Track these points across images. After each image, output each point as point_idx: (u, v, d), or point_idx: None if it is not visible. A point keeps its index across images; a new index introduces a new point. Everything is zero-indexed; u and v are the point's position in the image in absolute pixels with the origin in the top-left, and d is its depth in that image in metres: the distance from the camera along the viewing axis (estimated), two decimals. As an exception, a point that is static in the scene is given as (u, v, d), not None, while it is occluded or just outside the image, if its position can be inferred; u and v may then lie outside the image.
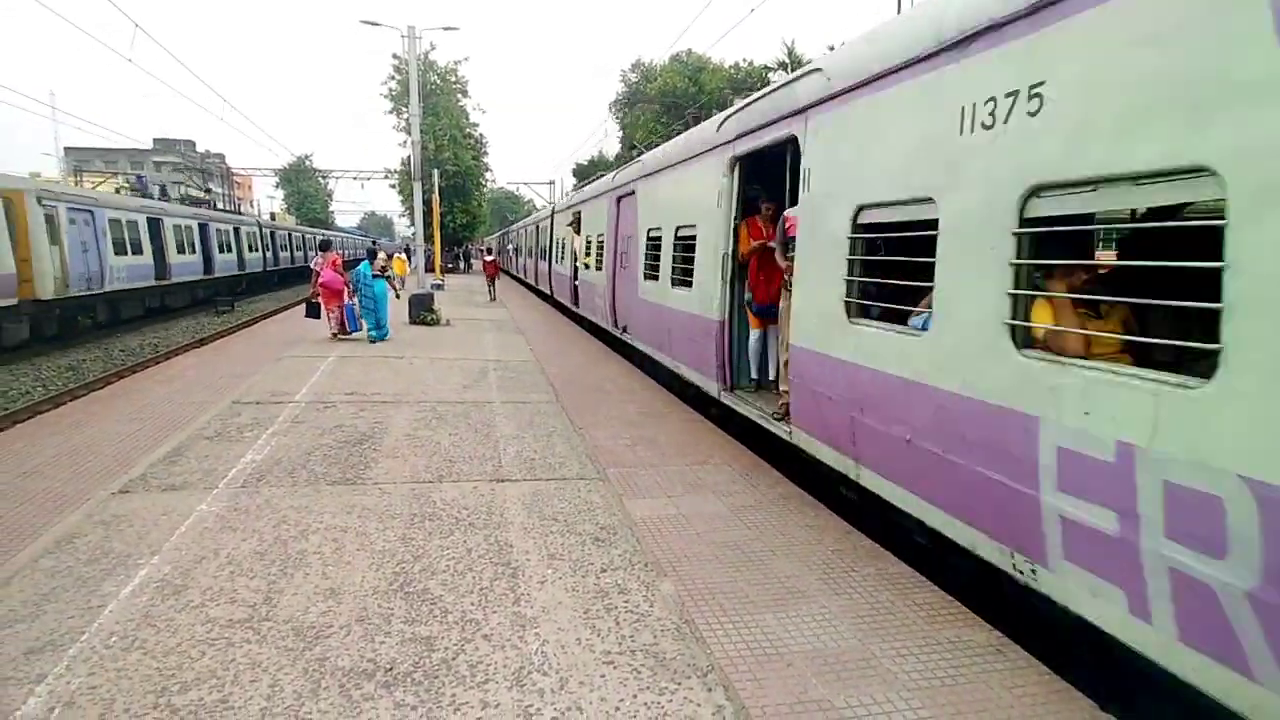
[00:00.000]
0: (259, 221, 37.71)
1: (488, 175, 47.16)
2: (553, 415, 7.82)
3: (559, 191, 48.58)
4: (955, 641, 3.40)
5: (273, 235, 38.71)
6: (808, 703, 2.92)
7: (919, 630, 3.51)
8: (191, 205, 30.40)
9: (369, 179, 57.73)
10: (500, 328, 16.13)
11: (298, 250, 44.63)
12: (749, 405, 6.76)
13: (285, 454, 6.10)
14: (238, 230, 32.32)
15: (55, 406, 9.31)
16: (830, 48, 28.35)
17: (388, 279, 14.74)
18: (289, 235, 44.06)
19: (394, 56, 37.73)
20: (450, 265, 42.02)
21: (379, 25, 20.26)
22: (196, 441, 6.40)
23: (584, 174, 47.54)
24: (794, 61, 36.31)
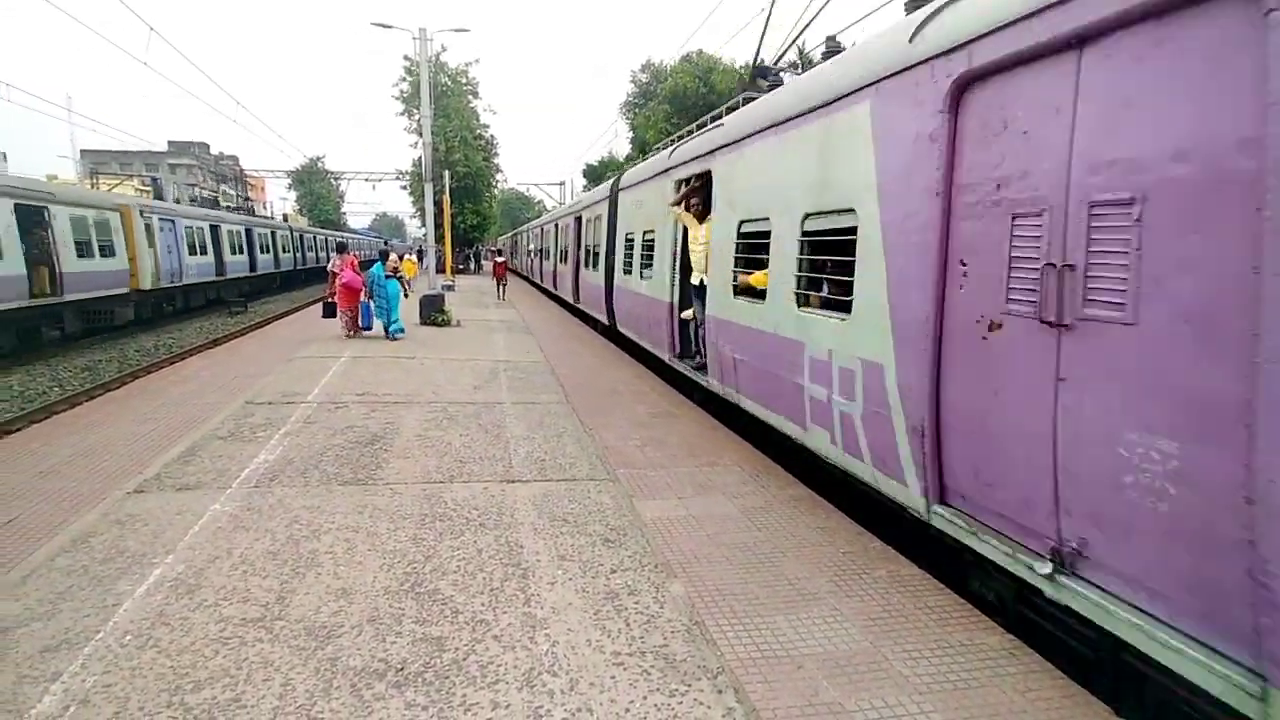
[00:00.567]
0: (290, 227, 43.11)
1: (498, 176, 47.36)
2: (563, 416, 7.83)
3: (570, 192, 48.70)
4: (968, 644, 3.38)
5: (300, 238, 43.55)
6: (819, 705, 2.90)
7: (931, 633, 3.49)
8: (204, 207, 32.32)
9: (380, 180, 58.20)
10: (510, 328, 16.17)
11: (321, 251, 48.60)
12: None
13: (298, 454, 6.14)
14: (274, 234, 37.00)
15: (71, 407, 9.42)
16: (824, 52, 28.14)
17: (399, 279, 15.02)
18: (314, 238, 48.70)
19: (405, 58, 37.93)
20: (461, 266, 42.19)
21: (390, 27, 20.37)
22: (210, 441, 6.45)
23: (595, 174, 47.61)
24: (804, 61, 36.18)
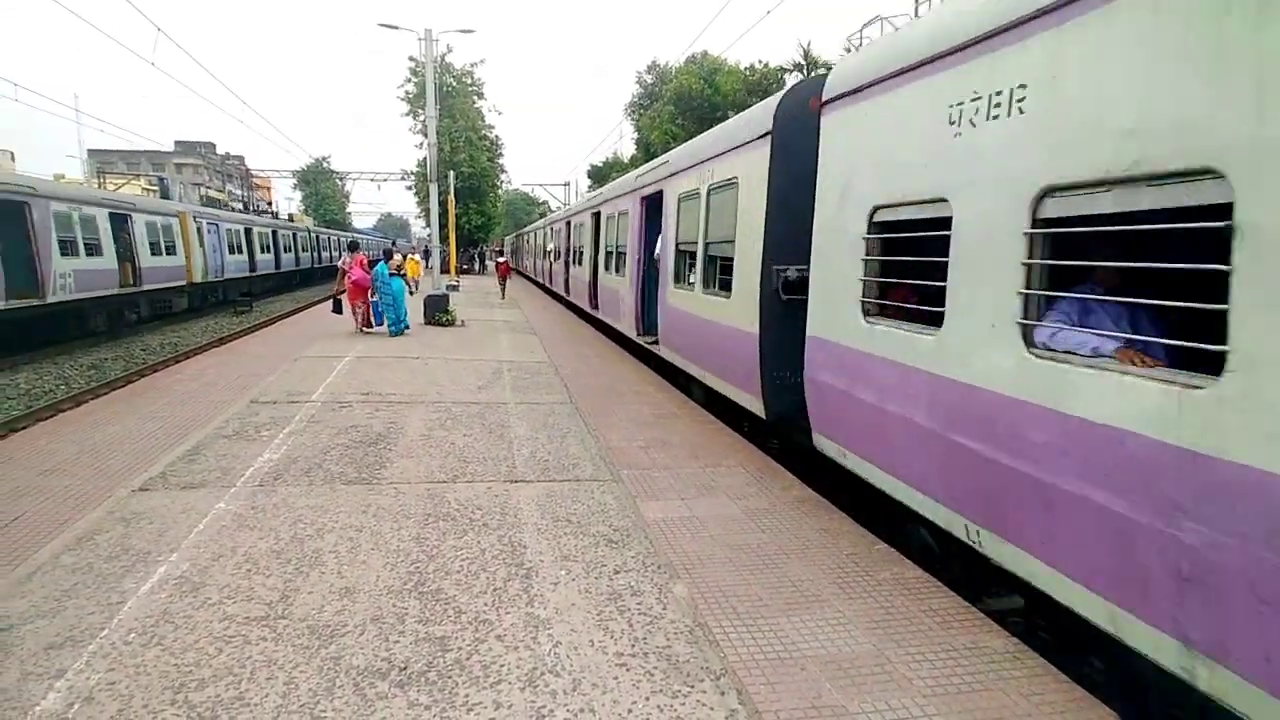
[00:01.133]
0: (307, 229, 47.52)
1: (503, 177, 47.41)
2: (566, 416, 7.83)
3: (574, 193, 48.72)
4: (972, 647, 3.37)
5: (316, 238, 47.73)
6: (821, 708, 2.90)
7: (935, 636, 3.47)
8: (210, 207, 33.90)
9: (385, 180, 58.48)
10: (514, 329, 16.18)
11: (334, 250, 51.46)
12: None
13: (302, 453, 6.15)
14: (294, 235, 41.42)
15: (77, 405, 9.45)
16: (846, 50, 28.17)
17: (403, 278, 15.37)
18: (327, 238, 52.51)
19: (410, 59, 38.06)
20: (465, 266, 42.27)
21: (396, 28, 20.42)
22: (215, 440, 6.47)
23: (599, 175, 47.63)
24: (810, 63, 36.12)
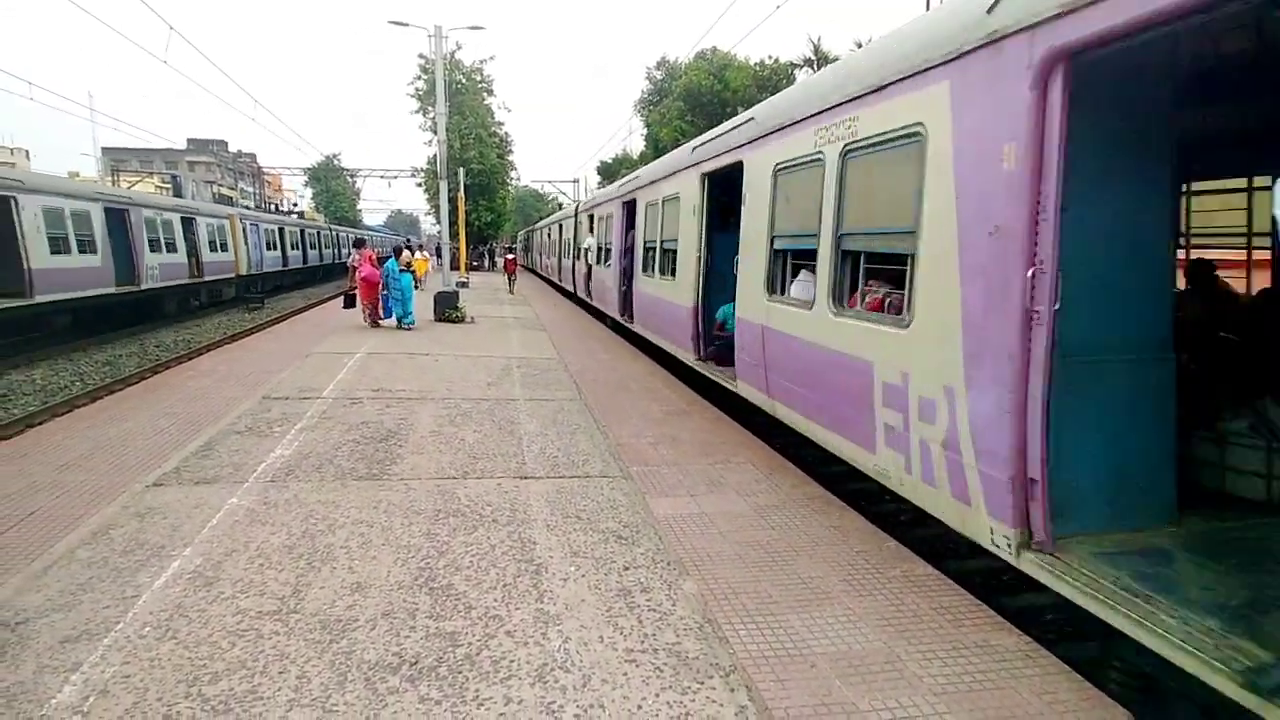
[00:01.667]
0: (329, 227, 52.24)
1: (512, 174, 47.46)
2: (576, 413, 7.84)
3: (584, 190, 48.70)
4: (983, 645, 3.35)
5: (336, 236, 51.79)
6: (831, 705, 2.89)
7: (945, 633, 3.46)
8: (223, 204, 35.17)
9: (395, 177, 58.83)
10: (524, 325, 16.21)
11: (351, 247, 52.93)
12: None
13: (313, 449, 6.19)
14: (319, 233, 46.09)
15: (92, 400, 9.55)
16: (857, 44, 28.04)
17: (412, 274, 15.71)
18: (346, 235, 55.31)
19: (420, 56, 38.10)
20: (475, 263, 42.38)
21: (406, 25, 20.46)
22: (227, 436, 6.52)
23: (609, 172, 47.57)
24: (820, 59, 35.91)
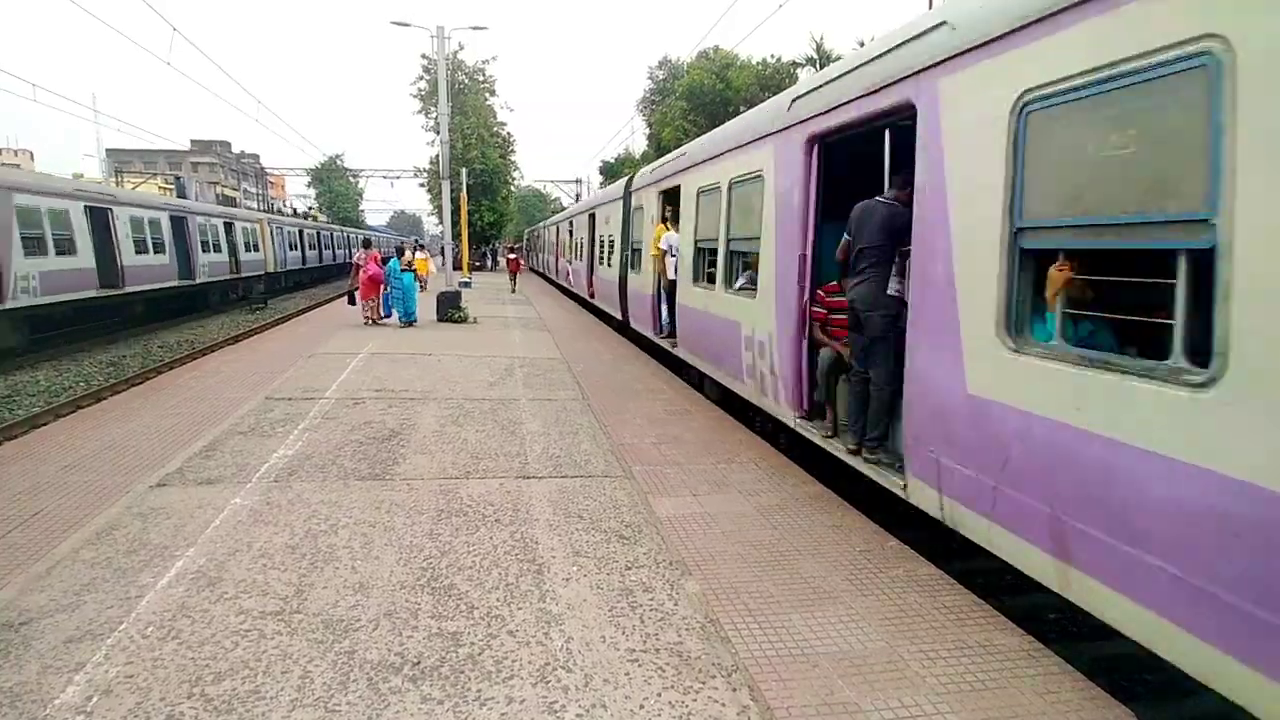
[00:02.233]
0: (342, 229, 56.14)
1: (515, 174, 47.47)
2: (579, 412, 7.84)
3: (586, 190, 48.71)
4: (986, 645, 3.34)
5: (347, 237, 55.42)
6: (834, 705, 2.88)
7: (948, 633, 3.45)
8: (226, 205, 36.19)
9: (399, 177, 59.06)
10: (527, 325, 16.22)
11: (360, 247, 56.22)
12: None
13: (316, 449, 6.19)
14: (332, 235, 50.60)
15: (96, 401, 9.58)
16: (860, 42, 27.97)
17: (414, 274, 16.16)
18: (355, 235, 58.72)
19: (422, 56, 38.11)
20: (478, 264, 42.43)
21: (409, 25, 20.47)
22: (231, 436, 6.53)
23: (612, 171, 47.57)
24: (823, 58, 35.87)
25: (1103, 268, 3.20)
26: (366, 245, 16.46)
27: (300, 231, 40.07)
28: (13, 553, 4.15)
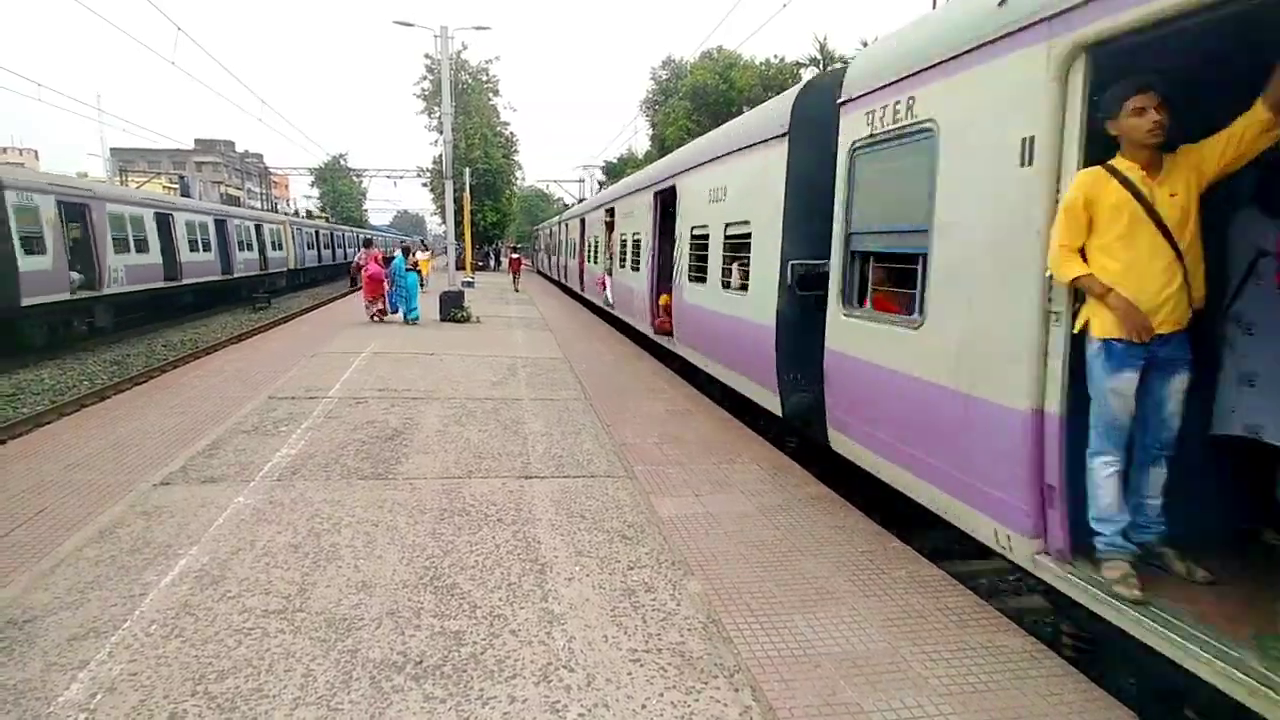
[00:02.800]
0: (353, 229, 59.78)
1: (518, 174, 47.53)
2: (581, 412, 7.84)
3: (589, 190, 48.74)
4: (989, 647, 3.34)
5: (358, 237, 57.24)
6: (836, 705, 2.88)
7: (951, 634, 3.45)
8: (229, 205, 36.47)
9: (401, 177, 59.27)
10: (529, 325, 16.24)
11: (360, 246, 58.29)
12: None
13: (319, 448, 6.20)
14: (344, 235, 53.96)
15: (100, 400, 9.61)
16: (863, 42, 27.98)
17: (417, 272, 16.54)
18: (361, 235, 61.80)
19: (426, 56, 38.17)
20: (480, 264, 42.49)
21: (412, 25, 20.49)
22: (234, 435, 6.54)
23: (615, 171, 47.59)
24: (826, 58, 35.85)
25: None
26: (367, 245, 17.45)
27: (316, 232, 44.67)
28: (17, 550, 4.17)
